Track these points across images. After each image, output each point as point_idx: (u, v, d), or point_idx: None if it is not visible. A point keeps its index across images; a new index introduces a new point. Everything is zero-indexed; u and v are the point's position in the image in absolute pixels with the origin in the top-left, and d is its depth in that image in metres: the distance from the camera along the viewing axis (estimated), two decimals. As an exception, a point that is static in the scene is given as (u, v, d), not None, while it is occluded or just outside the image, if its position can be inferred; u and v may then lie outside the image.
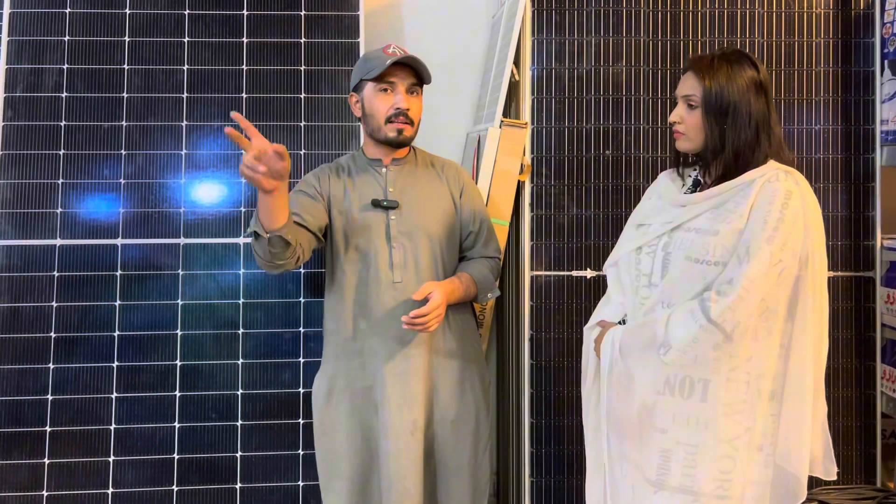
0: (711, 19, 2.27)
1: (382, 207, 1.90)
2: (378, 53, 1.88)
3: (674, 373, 1.50)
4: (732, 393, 1.48)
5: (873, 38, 2.28)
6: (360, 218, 1.89)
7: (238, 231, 2.22)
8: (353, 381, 1.91)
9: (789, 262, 1.44)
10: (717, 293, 1.44)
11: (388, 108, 1.87)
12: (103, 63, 2.25)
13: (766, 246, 1.42)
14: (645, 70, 2.27)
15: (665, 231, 1.59)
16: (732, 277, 1.43)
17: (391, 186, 1.93)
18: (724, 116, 1.52)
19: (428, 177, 1.98)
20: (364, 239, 1.89)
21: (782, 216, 1.43)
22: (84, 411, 2.13)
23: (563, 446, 2.23)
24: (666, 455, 1.52)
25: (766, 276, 1.42)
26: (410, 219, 1.91)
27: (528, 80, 2.27)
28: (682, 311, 1.48)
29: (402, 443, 1.86)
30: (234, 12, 2.29)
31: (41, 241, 2.17)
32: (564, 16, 2.27)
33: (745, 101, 1.51)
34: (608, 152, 2.26)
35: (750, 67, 1.54)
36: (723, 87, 1.52)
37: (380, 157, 1.95)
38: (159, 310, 2.18)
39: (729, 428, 1.48)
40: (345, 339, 1.91)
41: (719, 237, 1.48)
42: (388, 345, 1.88)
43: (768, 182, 1.47)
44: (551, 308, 2.25)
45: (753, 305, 1.43)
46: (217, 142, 2.25)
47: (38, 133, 2.20)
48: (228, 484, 2.15)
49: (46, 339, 2.14)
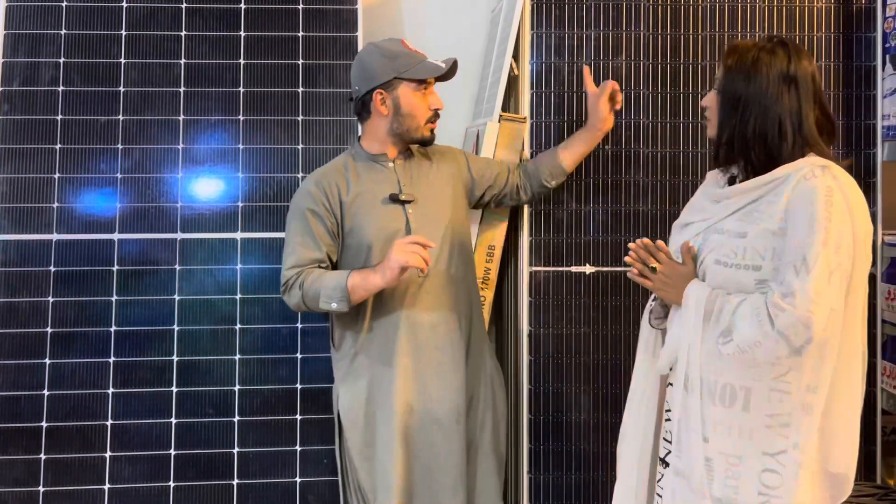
0: (712, 13, 2.25)
1: (400, 202, 1.90)
2: (403, 50, 1.88)
3: (714, 378, 1.44)
4: (776, 404, 1.40)
5: (875, 32, 2.26)
6: (378, 216, 1.89)
7: (235, 226, 2.21)
8: (391, 385, 1.89)
9: (846, 264, 1.36)
10: (782, 298, 1.33)
11: (427, 109, 1.90)
12: (100, 57, 2.23)
13: (823, 251, 1.33)
14: (645, 64, 2.25)
15: (702, 230, 1.53)
16: (795, 290, 1.33)
17: (403, 180, 1.93)
18: (734, 105, 1.47)
19: (430, 166, 2.00)
20: (385, 235, 1.88)
21: (829, 215, 1.34)
22: (80, 407, 2.12)
23: (561, 442, 2.22)
24: (709, 465, 1.46)
25: (829, 285, 1.33)
26: (427, 210, 1.93)
27: (528, 75, 2.25)
28: (749, 307, 1.38)
29: (449, 432, 1.89)
30: (231, 6, 2.28)
31: (37, 235, 2.16)
32: (564, 10, 2.26)
33: (766, 92, 1.44)
34: (607, 147, 2.25)
35: (783, 57, 1.46)
36: (743, 74, 1.46)
37: (384, 151, 1.94)
38: (156, 305, 2.17)
39: (773, 441, 1.41)
40: (377, 342, 1.91)
41: (748, 239, 1.42)
42: (421, 337, 1.89)
43: (804, 179, 1.39)
44: (550, 304, 2.24)
45: (825, 318, 1.33)
46: (214, 136, 2.24)
47: (34, 127, 2.19)
48: (226, 480, 2.15)
49: (43, 335, 2.13)
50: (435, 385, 1.90)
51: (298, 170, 2.23)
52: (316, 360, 2.18)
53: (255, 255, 2.20)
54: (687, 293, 1.48)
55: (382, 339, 1.90)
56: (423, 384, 1.90)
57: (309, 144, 2.25)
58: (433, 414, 1.90)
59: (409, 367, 1.90)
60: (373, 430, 1.91)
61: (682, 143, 2.24)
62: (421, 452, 1.90)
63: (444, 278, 1.93)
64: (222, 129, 2.24)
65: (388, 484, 1.87)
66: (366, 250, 1.88)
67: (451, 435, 1.90)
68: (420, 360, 1.90)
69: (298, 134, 2.26)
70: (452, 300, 1.94)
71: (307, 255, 1.87)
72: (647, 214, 2.24)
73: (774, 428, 1.41)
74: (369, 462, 1.91)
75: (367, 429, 1.91)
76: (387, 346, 1.90)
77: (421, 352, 1.90)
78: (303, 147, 2.25)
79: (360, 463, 1.91)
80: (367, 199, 1.90)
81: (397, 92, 1.88)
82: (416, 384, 1.90)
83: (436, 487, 1.90)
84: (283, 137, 2.25)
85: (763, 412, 1.41)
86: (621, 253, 2.24)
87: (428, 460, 1.90)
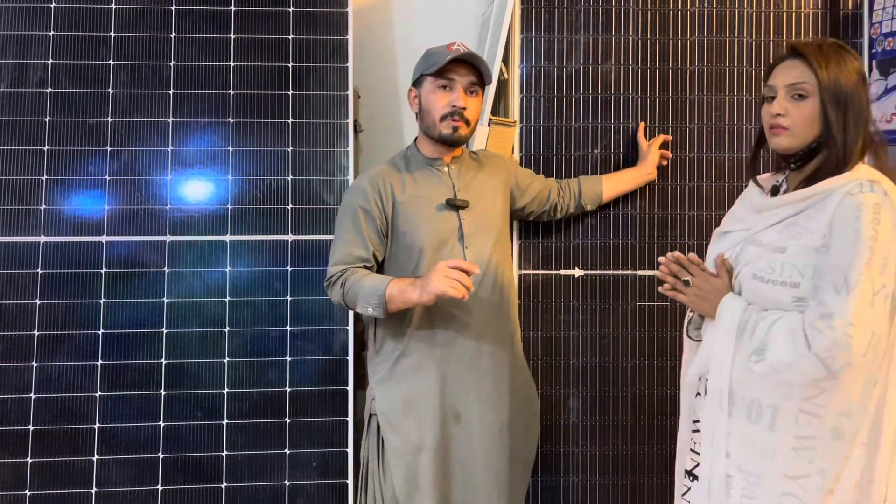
0: (700, 18, 2.27)
1: (455, 207, 1.89)
2: (441, 49, 1.87)
3: (742, 392, 1.40)
4: (803, 426, 1.35)
5: (861, 38, 2.29)
6: (433, 220, 1.87)
7: (225, 228, 2.20)
8: (435, 391, 1.87)
9: (892, 286, 1.29)
10: (821, 319, 1.28)
11: (445, 106, 1.85)
12: (89, 58, 2.22)
13: (867, 271, 1.26)
14: (634, 69, 2.26)
15: (739, 241, 1.48)
16: (834, 312, 1.26)
17: (458, 185, 1.92)
18: (845, 107, 1.36)
19: (480, 171, 1.99)
20: (437, 239, 1.87)
21: (875, 234, 1.27)
22: (68, 410, 2.11)
23: (550, 446, 2.22)
24: (729, 481, 1.43)
25: (872, 307, 1.26)
26: (478, 216, 1.91)
27: (517, 79, 2.26)
28: (784, 326, 1.33)
29: (490, 441, 1.87)
30: (221, 8, 2.27)
31: (24, 237, 2.15)
32: (553, 14, 2.27)
33: (857, 93, 1.38)
34: (597, 151, 2.26)
35: (854, 57, 1.40)
36: (839, 74, 1.37)
37: (439, 155, 1.93)
38: (144, 308, 2.16)
39: (798, 464, 1.36)
40: (423, 346, 1.88)
41: (787, 255, 1.36)
42: (468, 343, 1.87)
43: (849, 195, 1.32)
44: (540, 307, 2.24)
45: (866, 342, 1.26)
46: (204, 138, 2.23)
47: (22, 128, 2.18)
48: (214, 483, 2.14)
49: (30, 337, 2.12)
50: (479, 392, 1.88)
51: (288, 172, 2.23)
52: (305, 363, 2.18)
53: (244, 258, 2.19)
54: (721, 307, 1.43)
55: (428, 343, 1.87)
56: (468, 391, 1.88)
57: (299, 147, 2.25)
58: (476, 421, 1.87)
59: (454, 373, 1.87)
60: (414, 434, 1.86)
61: (670, 147, 2.25)
62: (463, 460, 1.87)
63: (490, 286, 1.91)
64: (212, 131, 2.23)
65: (427, 491, 1.84)
66: (417, 254, 1.87)
67: (494, 443, 1.88)
68: (465, 366, 1.88)
69: (288, 136, 2.25)
70: (498, 307, 1.93)
71: (353, 253, 1.86)
72: (636, 218, 2.25)
73: (800, 451, 1.36)
74: (408, 469, 1.86)
75: (408, 432, 1.87)
76: (433, 352, 1.87)
77: (466, 358, 1.88)
78: (292, 150, 2.25)
79: (396, 468, 1.86)
80: (423, 202, 1.89)
81: (422, 88, 1.90)
82: (460, 391, 1.87)
83: (477, 496, 1.87)
84: (272, 140, 2.24)
85: (790, 433, 1.36)
86: (611, 256, 2.25)
87: (469, 468, 1.87)
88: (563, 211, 2.15)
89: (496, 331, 1.92)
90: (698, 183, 2.25)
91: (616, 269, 2.24)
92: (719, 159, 2.26)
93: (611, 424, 2.23)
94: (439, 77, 1.85)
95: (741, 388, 1.41)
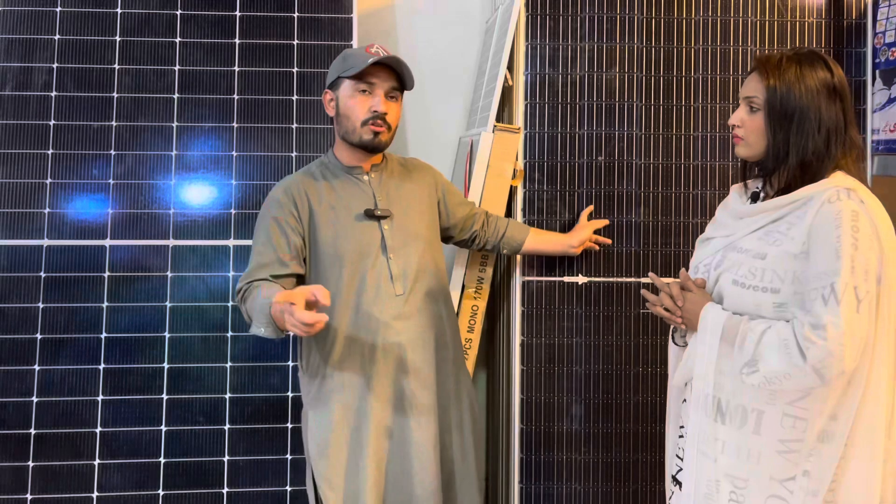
0: (705, 27, 2.28)
1: (375, 218, 1.82)
2: (360, 52, 1.79)
3: (727, 398, 1.42)
4: (788, 429, 1.37)
5: (864, 47, 2.29)
6: (352, 231, 1.80)
7: (228, 233, 2.20)
8: (365, 410, 1.78)
9: (874, 290, 1.32)
10: (813, 330, 1.30)
11: (365, 111, 1.77)
12: (93, 62, 2.23)
13: (851, 279, 1.29)
14: (638, 76, 2.27)
15: (722, 247, 1.50)
16: (825, 323, 1.29)
17: (379, 194, 1.85)
18: (790, 121, 1.40)
19: (406, 180, 1.92)
20: (357, 252, 1.79)
21: (856, 241, 1.31)
22: (69, 414, 2.11)
23: (552, 453, 2.22)
24: (717, 486, 1.44)
25: (859, 315, 1.29)
26: (403, 226, 1.84)
27: (522, 85, 2.26)
28: (776, 337, 1.34)
29: (427, 459, 1.80)
30: (226, 13, 2.28)
31: (28, 241, 2.15)
32: (558, 21, 2.27)
33: (815, 105, 1.39)
34: (601, 158, 2.26)
35: (823, 69, 1.41)
36: (789, 88, 1.40)
37: (358, 163, 1.86)
38: (147, 312, 2.16)
39: (783, 467, 1.38)
40: (349, 364, 1.79)
41: (767, 261, 1.39)
42: (397, 359, 1.79)
43: (828, 202, 1.34)
44: (542, 313, 2.24)
45: (857, 350, 1.30)
46: (208, 143, 2.23)
47: (26, 132, 2.18)
48: (215, 488, 2.13)
49: (32, 341, 2.12)
50: (411, 410, 1.80)
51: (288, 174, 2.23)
52: (308, 368, 2.18)
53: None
54: (703, 316, 1.46)
55: (356, 361, 1.79)
56: (400, 408, 1.80)
57: (303, 152, 2.25)
58: (410, 440, 1.80)
59: (385, 391, 1.79)
60: (344, 458, 1.79)
61: (674, 155, 2.25)
62: (397, 480, 1.80)
63: (420, 298, 1.84)
64: (216, 135, 2.24)
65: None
66: (339, 265, 1.78)
67: (429, 461, 1.80)
68: (396, 383, 1.80)
69: (292, 141, 2.26)
70: (429, 321, 1.85)
71: (264, 267, 1.76)
72: (639, 225, 2.25)
73: (785, 454, 1.38)
74: (336, 492, 1.78)
75: (337, 456, 1.78)
76: (361, 369, 1.79)
77: (396, 375, 1.80)
78: (297, 155, 2.25)
79: (327, 493, 1.77)
80: (341, 213, 1.80)
81: (339, 91, 1.81)
82: (391, 409, 1.80)
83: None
84: (276, 145, 2.24)
85: (775, 436, 1.38)
86: (614, 263, 2.25)
87: (404, 488, 1.80)
88: (479, 244, 2.09)
89: (430, 344, 1.84)
90: (702, 191, 2.26)
91: (619, 276, 2.24)
92: (723, 167, 2.26)
93: (613, 432, 2.23)
94: (359, 81, 1.77)
95: (726, 393, 1.43)
